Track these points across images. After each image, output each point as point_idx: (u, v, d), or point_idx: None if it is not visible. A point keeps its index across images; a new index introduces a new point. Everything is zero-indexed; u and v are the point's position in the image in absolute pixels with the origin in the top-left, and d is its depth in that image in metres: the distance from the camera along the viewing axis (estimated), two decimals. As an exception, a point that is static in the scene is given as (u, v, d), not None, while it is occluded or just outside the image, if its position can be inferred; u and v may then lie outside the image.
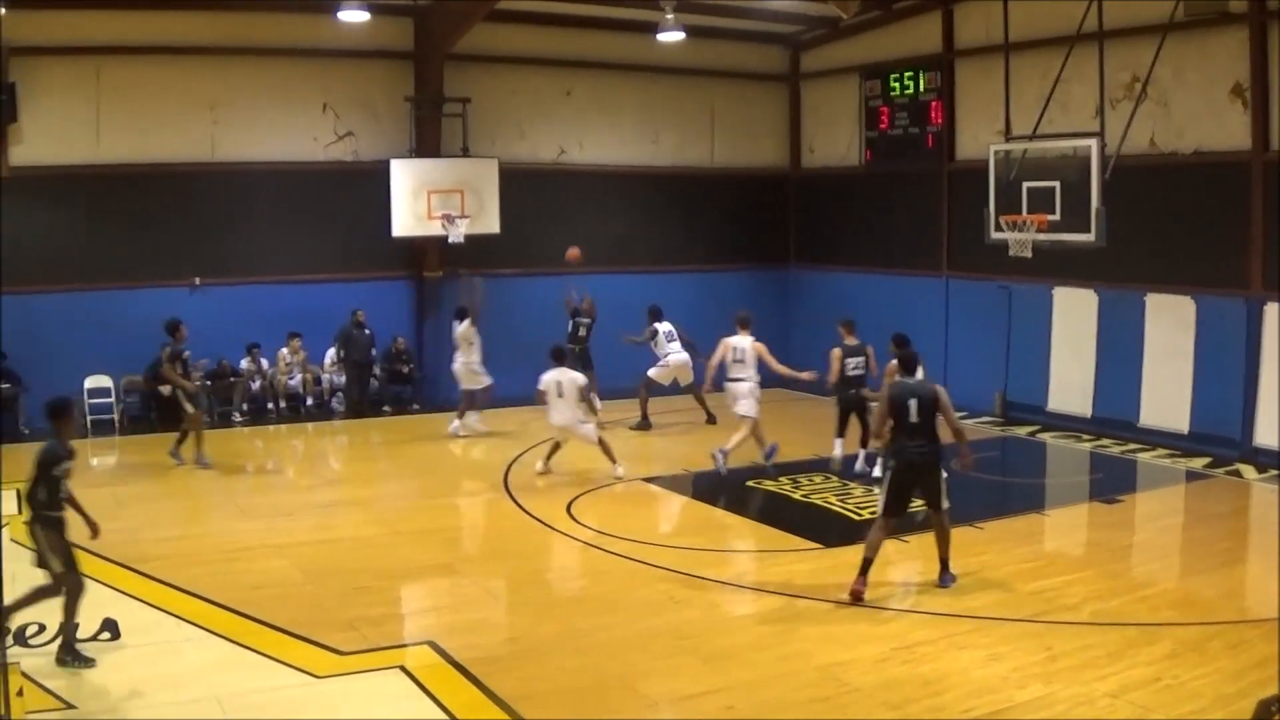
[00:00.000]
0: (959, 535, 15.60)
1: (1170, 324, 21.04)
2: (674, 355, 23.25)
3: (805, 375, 19.29)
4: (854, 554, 14.16)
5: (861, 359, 18.83)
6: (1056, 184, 18.19)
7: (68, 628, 11.01)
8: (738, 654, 11.56)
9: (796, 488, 18.35)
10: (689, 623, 12.38)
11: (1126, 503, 17.50)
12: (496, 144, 25.67)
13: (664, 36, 23.89)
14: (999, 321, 24.34)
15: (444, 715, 10.02)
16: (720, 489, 18.31)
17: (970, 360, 24.82)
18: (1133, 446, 20.92)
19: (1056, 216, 18.20)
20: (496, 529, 16.41)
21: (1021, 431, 23.05)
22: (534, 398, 18.82)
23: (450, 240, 24.31)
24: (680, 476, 19.30)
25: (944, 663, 11.36)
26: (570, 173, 26.90)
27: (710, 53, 27.85)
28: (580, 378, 18.77)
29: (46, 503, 10.99)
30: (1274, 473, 18.80)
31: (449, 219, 24.12)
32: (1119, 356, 21.99)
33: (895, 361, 15.05)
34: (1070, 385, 23.00)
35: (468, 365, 22.26)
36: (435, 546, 15.39)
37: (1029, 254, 18.86)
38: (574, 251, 23.48)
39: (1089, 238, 17.76)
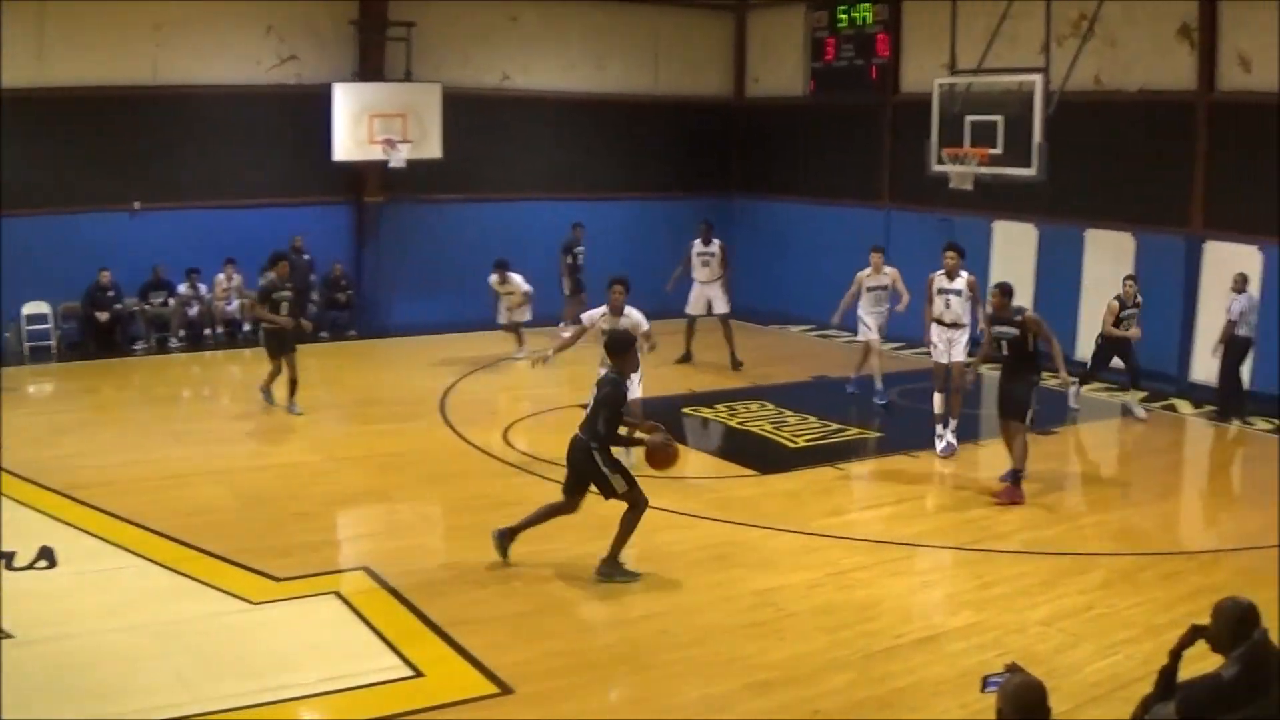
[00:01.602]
0: (893, 463, 15.76)
1: (1109, 260, 21.12)
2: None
3: None
4: (788, 481, 14.35)
5: None
6: (1000, 118, 18.22)
7: None
8: (674, 579, 11.58)
9: (733, 415, 18.39)
10: (626, 549, 12.27)
11: (1062, 435, 17.64)
12: (441, 69, 25.34)
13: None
14: (939, 254, 24.26)
15: (379, 640, 9.98)
16: (654, 416, 18.27)
17: (909, 292, 24.81)
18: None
19: (999, 150, 18.25)
20: (433, 455, 16.31)
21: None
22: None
23: (391, 165, 24.05)
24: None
25: (878, 589, 11.47)
26: (514, 99, 26.64)
27: (658, -19, 27.70)
28: None
29: None
30: (1209, 408, 18.96)
31: (390, 144, 23.83)
32: (1058, 291, 22.07)
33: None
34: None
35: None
36: (371, 473, 15.31)
37: (970, 187, 18.91)
38: None
39: (1030, 172, 17.82)
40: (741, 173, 29.66)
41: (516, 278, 21.79)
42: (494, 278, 21.78)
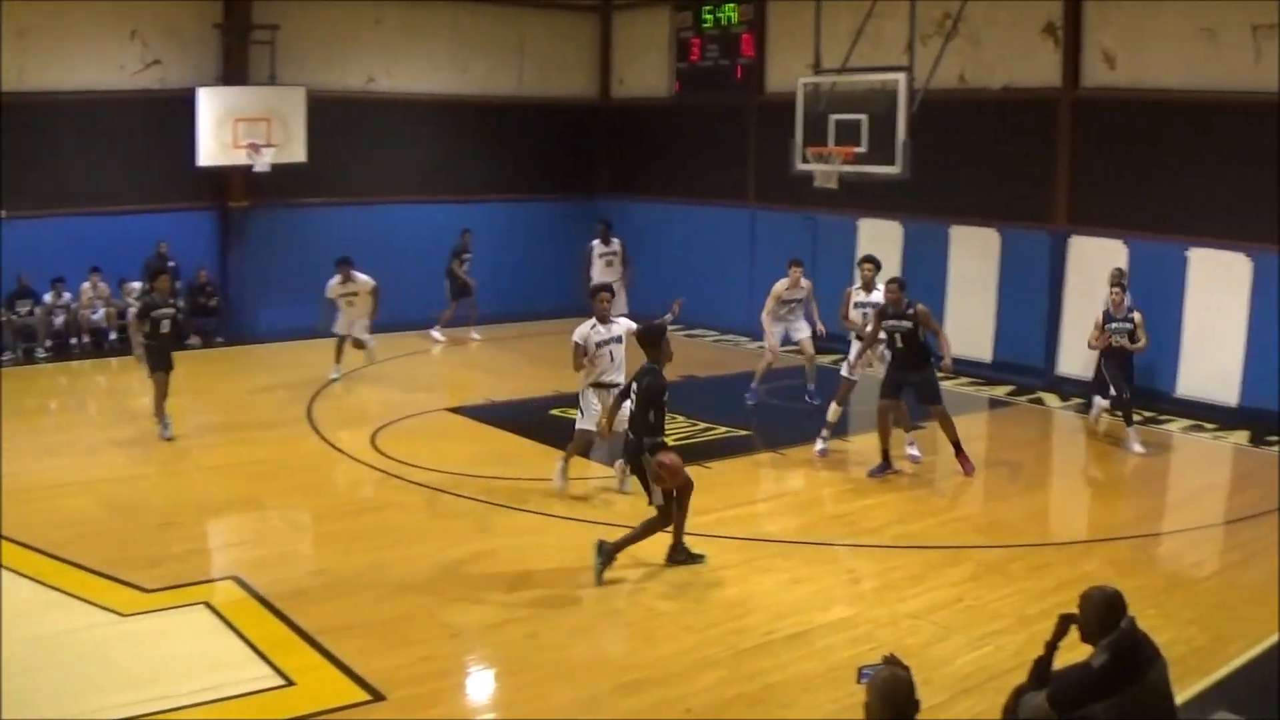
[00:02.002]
0: (762, 461, 15.73)
1: (974, 256, 21.33)
2: None
3: None
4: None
5: None
6: (864, 117, 18.19)
7: None
8: (541, 581, 11.48)
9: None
10: (492, 551, 12.30)
11: (930, 429, 17.70)
12: (305, 72, 25.00)
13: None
14: (804, 253, 24.28)
15: (249, 650, 9.77)
16: (523, 418, 18.15)
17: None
18: (937, 375, 21.15)
19: (863, 149, 18.23)
20: (302, 462, 16.02)
21: (827, 360, 23.20)
22: None
23: (256, 169, 23.70)
24: (484, 406, 19.08)
25: (748, 586, 11.42)
26: (378, 101, 26.36)
27: (523, -18, 27.56)
28: None
29: None
30: (1076, 400, 19.12)
31: (255, 148, 23.51)
32: (924, 287, 21.99)
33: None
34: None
35: None
36: (240, 481, 14.97)
37: (835, 185, 18.89)
38: None
39: (894, 170, 17.82)
40: (608, 174, 29.54)
41: (363, 276, 20.69)
42: (335, 280, 20.60)
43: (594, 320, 14.54)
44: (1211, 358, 19.07)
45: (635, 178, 28.65)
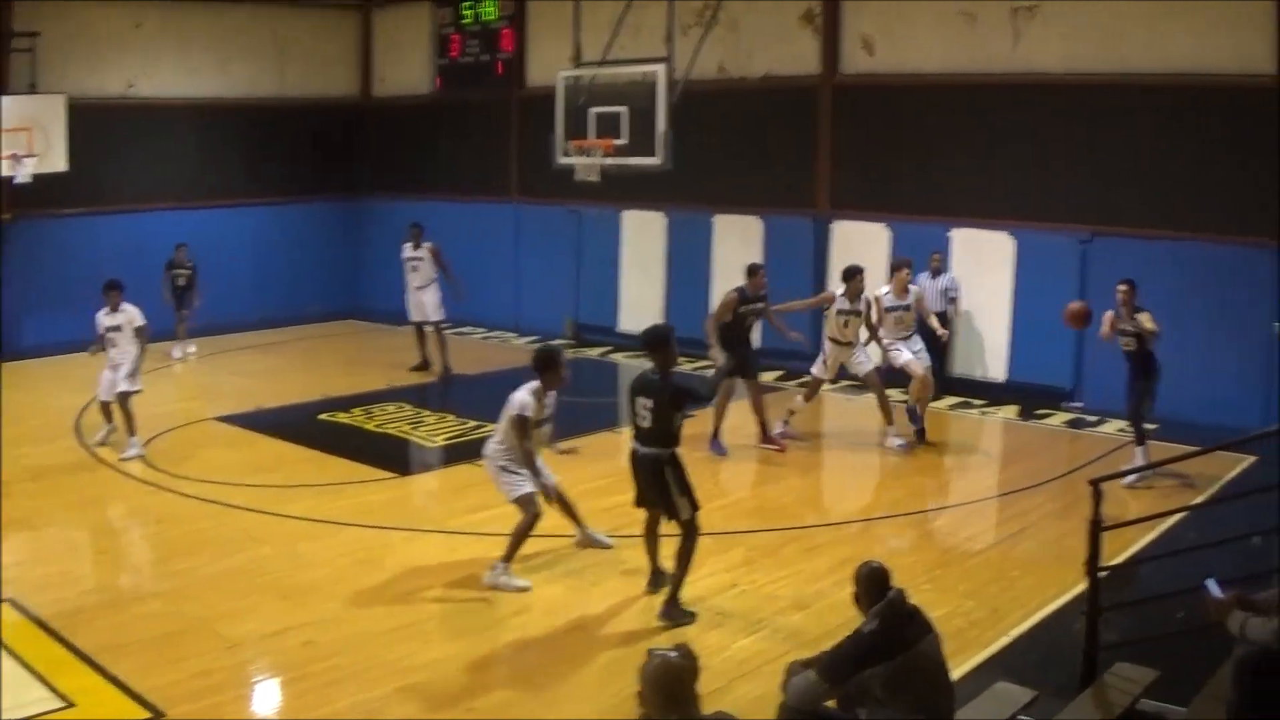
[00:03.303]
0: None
1: (739, 243, 21.50)
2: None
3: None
4: (428, 480, 14.19)
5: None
6: (624, 109, 18.19)
7: None
8: (317, 588, 11.27)
9: (370, 418, 18.03)
10: (267, 560, 12.05)
11: (699, 417, 17.71)
12: (66, 79, 24.10)
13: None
14: (569, 246, 24.53)
15: (27, 673, 9.39)
16: (292, 424, 17.84)
17: (542, 285, 25.13)
18: (704, 363, 21.14)
19: (624, 141, 18.23)
20: (72, 479, 15.40)
21: (594, 353, 23.29)
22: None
23: (17, 181, 22.78)
24: (253, 414, 18.67)
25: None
26: (140, 107, 25.54)
27: (283, -19, 27.10)
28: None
29: None
30: (844, 382, 19.32)
31: (16, 158, 22.68)
32: (689, 276, 22.44)
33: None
34: (641, 306, 23.21)
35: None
36: (10, 500, 14.24)
37: (597, 178, 18.84)
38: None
39: (655, 161, 17.84)
40: (372, 173, 29.20)
41: (132, 309, 17.15)
42: (102, 312, 17.14)
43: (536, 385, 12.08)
44: (979, 335, 19.61)
45: (399, 176, 28.34)
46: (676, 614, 10.43)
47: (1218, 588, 6.77)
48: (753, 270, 16.61)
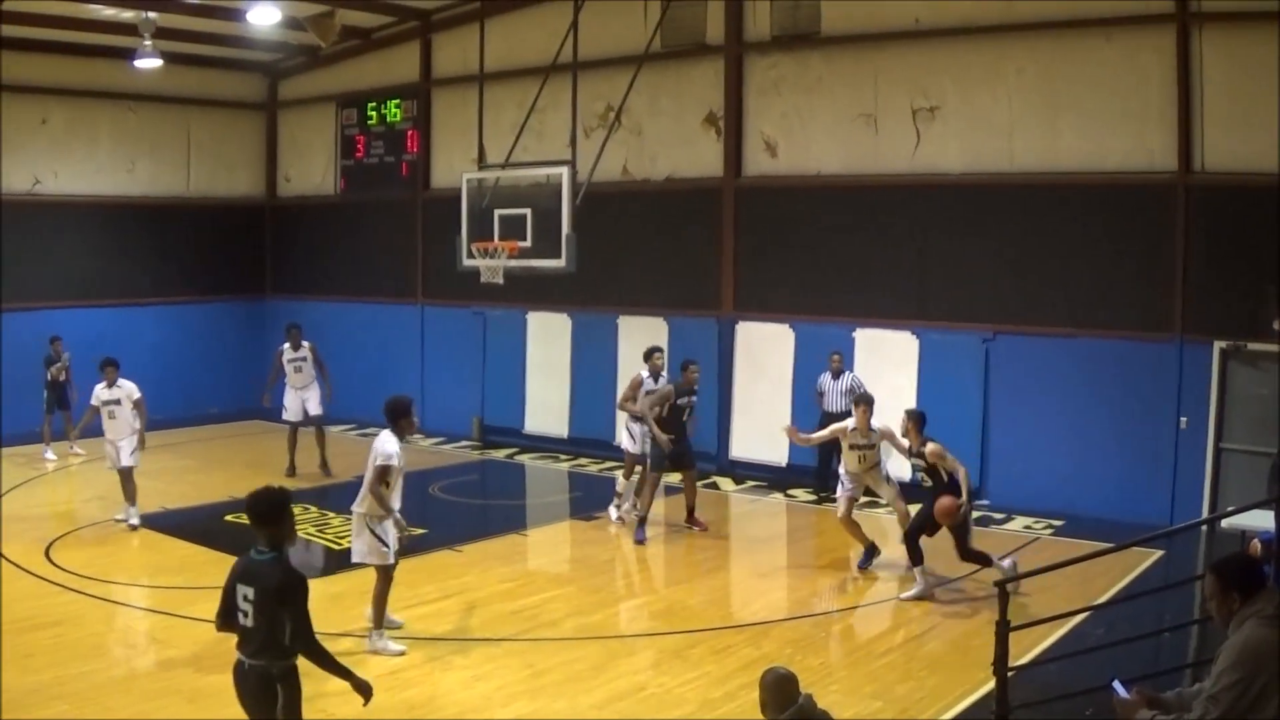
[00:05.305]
0: (438, 559, 15.47)
1: (643, 344, 21.43)
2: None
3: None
4: (332, 584, 13.96)
5: None
6: (528, 211, 18.20)
7: None
8: (220, 691, 10.93)
9: (276, 520, 17.76)
10: (172, 662, 11.84)
11: (604, 519, 17.67)
12: (-31, 175, 24.04)
13: (141, 63, 22.68)
14: (474, 347, 24.47)
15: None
16: (198, 524, 17.57)
17: (447, 386, 24.96)
18: (610, 464, 21.16)
19: (528, 243, 18.23)
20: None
21: (500, 454, 23.18)
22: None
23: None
24: (158, 514, 18.35)
25: (429, 686, 11.22)
26: (44, 204, 25.32)
27: (189, 80, 27.00)
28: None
29: None
30: (751, 483, 19.35)
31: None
32: (593, 377, 22.42)
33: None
34: (546, 407, 23.31)
35: None
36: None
37: (501, 280, 18.82)
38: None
39: (559, 263, 17.84)
40: (276, 273, 29.10)
41: (129, 384, 17.72)
42: (100, 386, 17.72)
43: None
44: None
45: (304, 277, 28.25)
46: None
47: (1123, 688, 6.77)
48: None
